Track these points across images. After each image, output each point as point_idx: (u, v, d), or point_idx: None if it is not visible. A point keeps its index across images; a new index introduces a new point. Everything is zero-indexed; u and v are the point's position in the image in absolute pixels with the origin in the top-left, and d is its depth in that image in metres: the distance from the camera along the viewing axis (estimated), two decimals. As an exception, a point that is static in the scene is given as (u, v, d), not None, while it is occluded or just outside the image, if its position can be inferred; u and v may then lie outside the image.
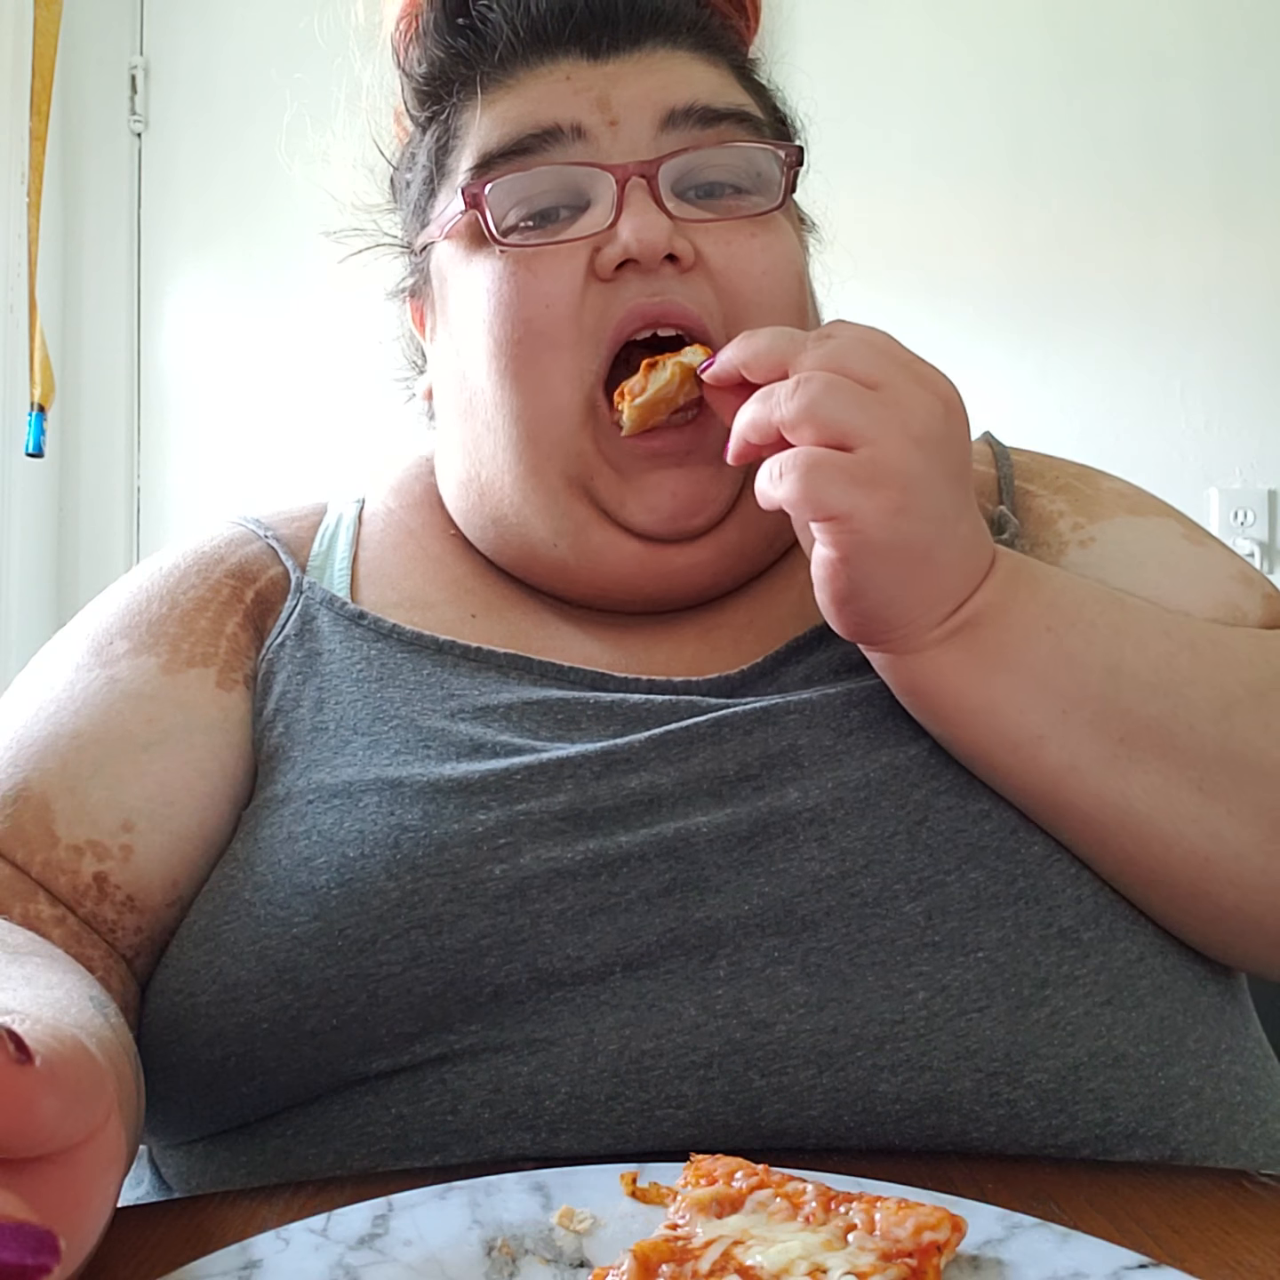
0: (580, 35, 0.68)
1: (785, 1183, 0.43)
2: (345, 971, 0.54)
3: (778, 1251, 0.39)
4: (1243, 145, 2.01)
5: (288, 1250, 0.41)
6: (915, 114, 2.03)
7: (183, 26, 2.17)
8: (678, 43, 0.70)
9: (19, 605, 2.02)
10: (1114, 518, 0.72)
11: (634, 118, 0.66)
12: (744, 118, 0.69)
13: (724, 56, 0.72)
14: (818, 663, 0.65)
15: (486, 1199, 0.44)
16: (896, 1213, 0.41)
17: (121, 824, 0.61)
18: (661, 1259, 0.39)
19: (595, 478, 0.66)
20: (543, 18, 0.68)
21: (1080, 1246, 0.41)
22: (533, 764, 0.59)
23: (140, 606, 0.69)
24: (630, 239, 0.63)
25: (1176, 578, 0.69)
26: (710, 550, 0.68)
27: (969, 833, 0.57)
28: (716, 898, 0.56)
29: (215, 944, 0.57)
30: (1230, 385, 2.01)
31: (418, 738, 0.62)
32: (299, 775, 0.61)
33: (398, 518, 0.76)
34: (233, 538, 0.73)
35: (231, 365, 2.16)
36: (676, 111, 0.67)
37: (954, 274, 2.04)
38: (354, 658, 0.66)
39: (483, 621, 0.70)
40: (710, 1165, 0.44)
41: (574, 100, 0.67)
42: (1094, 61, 2.03)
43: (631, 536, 0.67)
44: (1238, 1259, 0.43)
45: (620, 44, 0.68)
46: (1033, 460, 0.77)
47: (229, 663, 0.67)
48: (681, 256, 0.64)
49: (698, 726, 0.61)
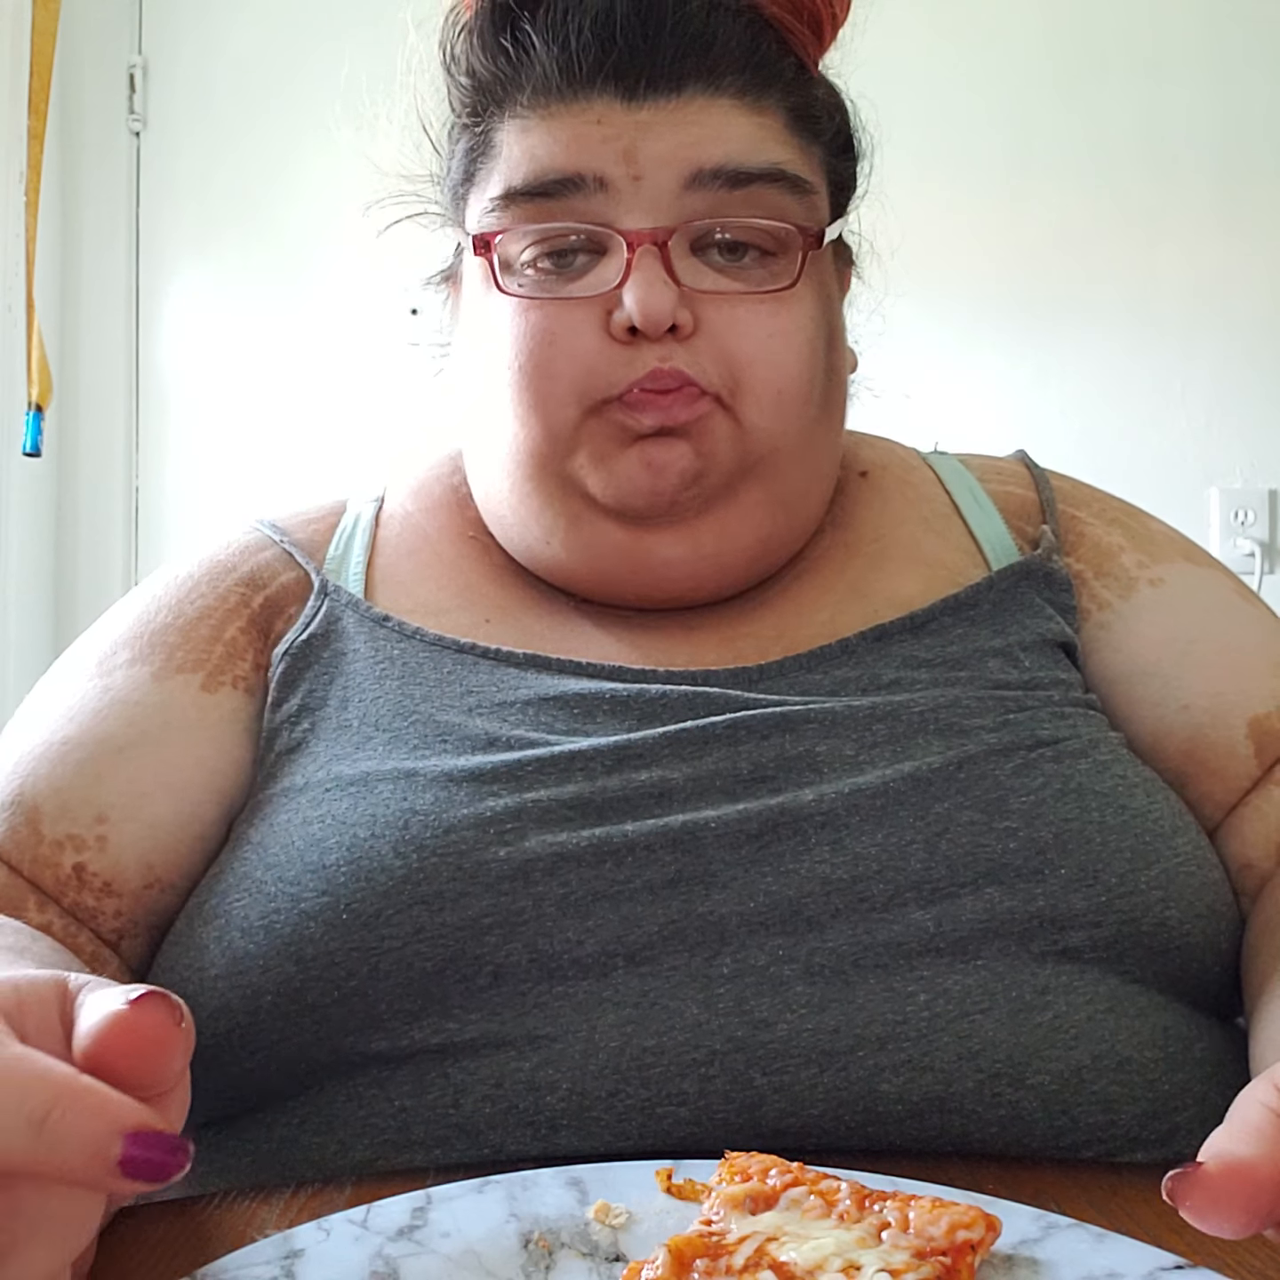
0: (617, 75, 0.66)
1: (819, 1180, 0.43)
2: (348, 944, 0.56)
3: (811, 1248, 0.39)
4: (1243, 145, 2.01)
5: (329, 1240, 0.42)
6: (914, 113, 2.03)
7: (182, 26, 2.17)
8: (721, 87, 0.66)
9: (17, 605, 2.02)
10: (1174, 562, 0.73)
11: (659, 174, 0.65)
12: (777, 177, 0.66)
13: (773, 98, 0.68)
14: (845, 678, 0.65)
15: (524, 1193, 0.45)
16: (931, 1211, 0.41)
17: (96, 817, 0.64)
18: (696, 1254, 0.39)
19: (587, 461, 0.67)
20: (580, 55, 0.66)
21: (1116, 1247, 0.41)
22: (544, 756, 0.60)
23: (149, 616, 0.71)
24: (635, 310, 0.63)
25: (1240, 634, 0.70)
26: (687, 547, 0.68)
27: (991, 849, 0.57)
28: (722, 893, 0.56)
29: (225, 920, 0.59)
30: (1230, 385, 2.02)
31: (435, 733, 0.63)
32: (320, 768, 0.63)
33: (415, 521, 0.76)
34: (247, 545, 0.75)
35: (230, 365, 2.15)
36: (704, 172, 0.65)
37: (954, 274, 2.04)
38: (378, 657, 0.68)
39: (497, 626, 0.71)
40: (745, 1162, 0.44)
41: (601, 149, 0.65)
42: (1093, 62, 2.04)
43: (617, 524, 0.68)
44: (1239, 1260, 0.43)
45: (659, 86, 0.66)
46: (1074, 487, 0.78)
47: (219, 666, 0.69)
48: (682, 327, 0.64)
49: (713, 727, 0.61)
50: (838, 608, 0.70)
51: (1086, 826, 0.58)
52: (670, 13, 0.66)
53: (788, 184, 0.67)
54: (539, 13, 0.67)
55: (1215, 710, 0.68)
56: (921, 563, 0.72)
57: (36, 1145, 0.34)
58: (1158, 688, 0.69)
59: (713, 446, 0.66)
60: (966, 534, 0.74)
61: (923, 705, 0.62)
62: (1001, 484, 0.77)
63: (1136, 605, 0.71)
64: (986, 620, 0.68)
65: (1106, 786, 0.61)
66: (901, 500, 0.76)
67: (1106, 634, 0.71)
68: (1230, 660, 0.69)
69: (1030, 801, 0.59)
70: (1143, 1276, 0.40)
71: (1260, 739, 0.67)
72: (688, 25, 0.66)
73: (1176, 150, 2.02)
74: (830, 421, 0.71)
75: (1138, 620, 0.71)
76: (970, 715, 0.62)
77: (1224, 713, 0.68)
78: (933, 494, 0.76)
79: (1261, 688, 0.68)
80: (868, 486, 0.77)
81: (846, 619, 0.69)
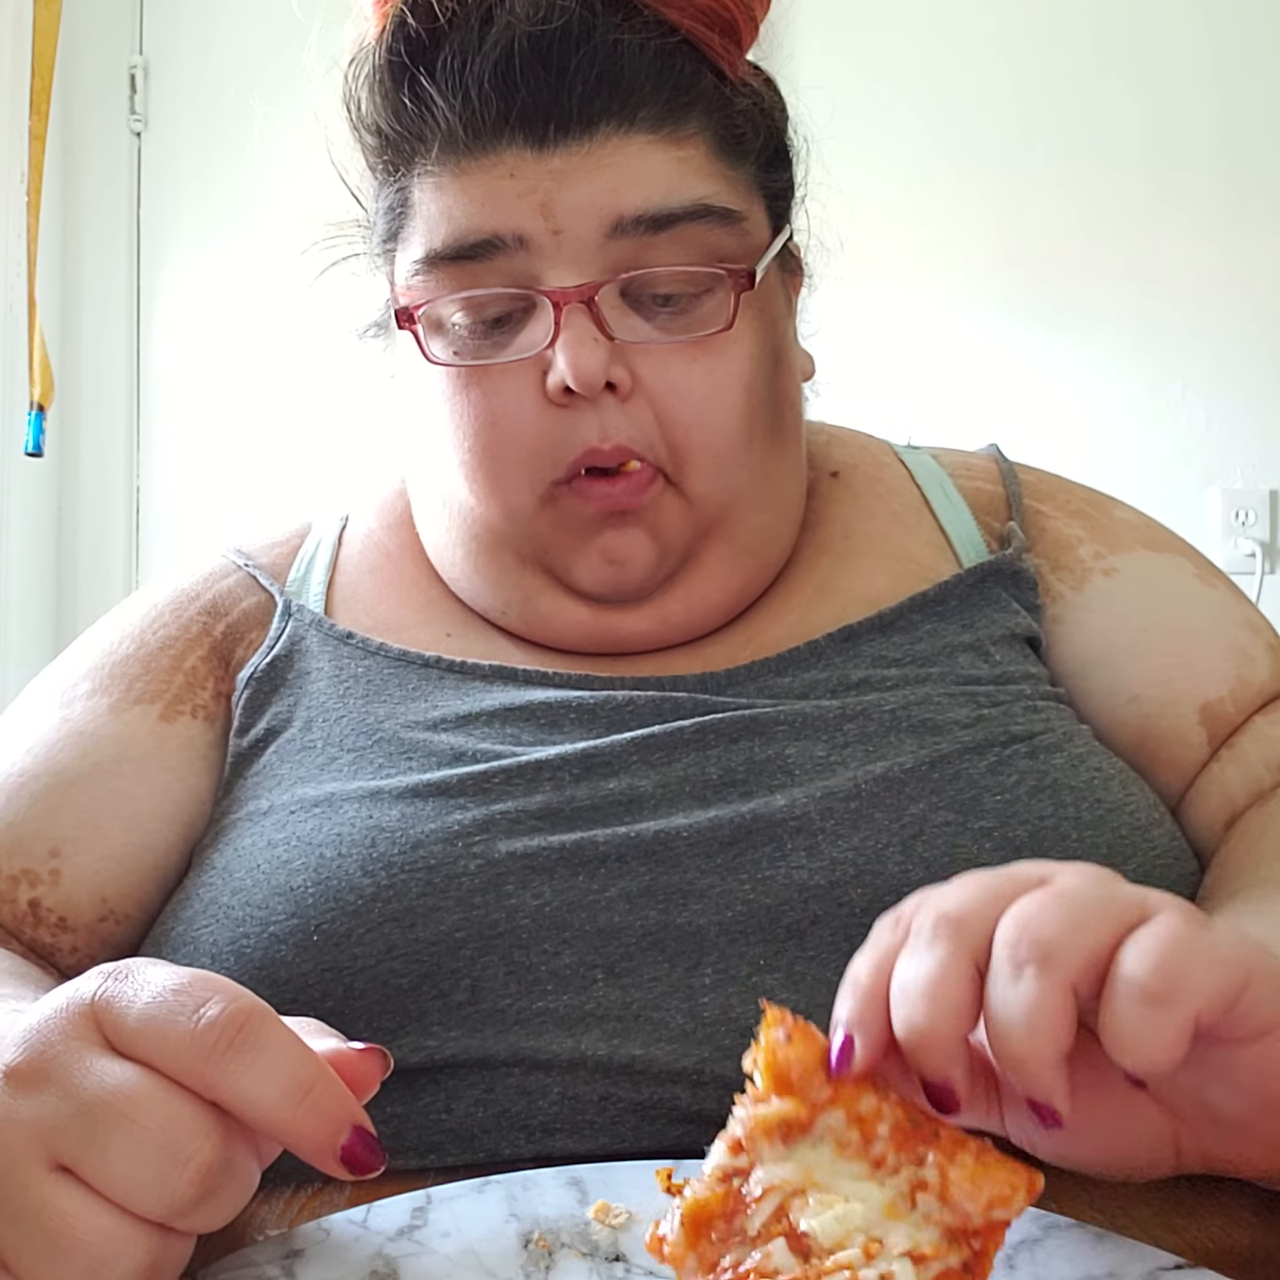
0: (524, 123, 0.63)
1: (858, 1098, 0.39)
2: (320, 965, 0.55)
3: (834, 1218, 0.37)
4: (1245, 144, 2.01)
5: (329, 1240, 0.42)
6: (918, 109, 2.03)
7: (182, 26, 2.17)
8: (635, 121, 0.63)
9: (18, 605, 2.02)
10: (1132, 550, 0.72)
11: (579, 226, 0.63)
12: (703, 214, 0.64)
13: (694, 124, 0.65)
14: (814, 680, 0.65)
15: (523, 1193, 0.45)
16: (972, 1175, 0.37)
17: (50, 850, 0.64)
18: (712, 1217, 0.37)
19: (549, 550, 0.66)
20: (483, 107, 0.63)
21: (1116, 1247, 0.41)
22: (511, 766, 0.60)
23: (113, 646, 0.71)
24: (567, 372, 0.62)
25: (1193, 619, 0.69)
26: (653, 621, 0.68)
27: (967, 849, 0.57)
28: (700, 902, 0.56)
29: (194, 946, 0.59)
30: (1230, 385, 2.01)
31: (400, 750, 0.63)
32: (284, 790, 0.63)
33: (377, 539, 0.76)
34: (211, 572, 0.75)
35: (231, 364, 2.15)
36: (625, 219, 0.62)
37: (954, 274, 2.04)
38: (342, 675, 0.67)
39: (459, 640, 0.70)
40: (784, 1054, 0.39)
41: (516, 205, 0.63)
42: (1096, 59, 2.03)
43: (580, 602, 0.67)
44: (1239, 1260, 0.43)
45: (569, 129, 0.63)
46: (1041, 480, 0.77)
47: (179, 696, 0.69)
48: (619, 385, 0.63)
49: (681, 731, 0.61)
50: (806, 608, 0.70)
51: (1062, 823, 0.58)
52: (574, 51, 0.62)
53: (715, 218, 0.64)
54: (437, 64, 0.64)
55: (1165, 699, 0.67)
56: (890, 557, 0.72)
57: (297, 1111, 0.38)
58: (1107, 680, 0.69)
59: (665, 526, 0.65)
60: (937, 529, 0.73)
61: (894, 704, 0.62)
62: (971, 479, 0.77)
63: (1087, 596, 0.71)
64: (955, 615, 0.68)
65: (1082, 781, 0.60)
66: (871, 495, 0.75)
67: (1059, 627, 0.71)
68: (1182, 645, 0.69)
69: (1005, 800, 0.58)
70: (1143, 1276, 0.40)
71: (1212, 725, 0.67)
72: (593, 61, 0.62)
73: (1176, 150, 2.01)
74: (783, 448, 0.70)
75: (1087, 611, 0.71)
76: (942, 711, 0.62)
77: (1174, 701, 0.67)
78: (903, 489, 0.76)
79: (1214, 672, 0.68)
80: (839, 486, 0.76)
81: (815, 619, 0.69)
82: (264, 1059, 0.38)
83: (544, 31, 0.62)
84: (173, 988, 0.39)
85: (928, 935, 0.39)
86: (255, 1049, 0.38)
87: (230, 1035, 0.38)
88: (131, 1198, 0.36)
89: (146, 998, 0.39)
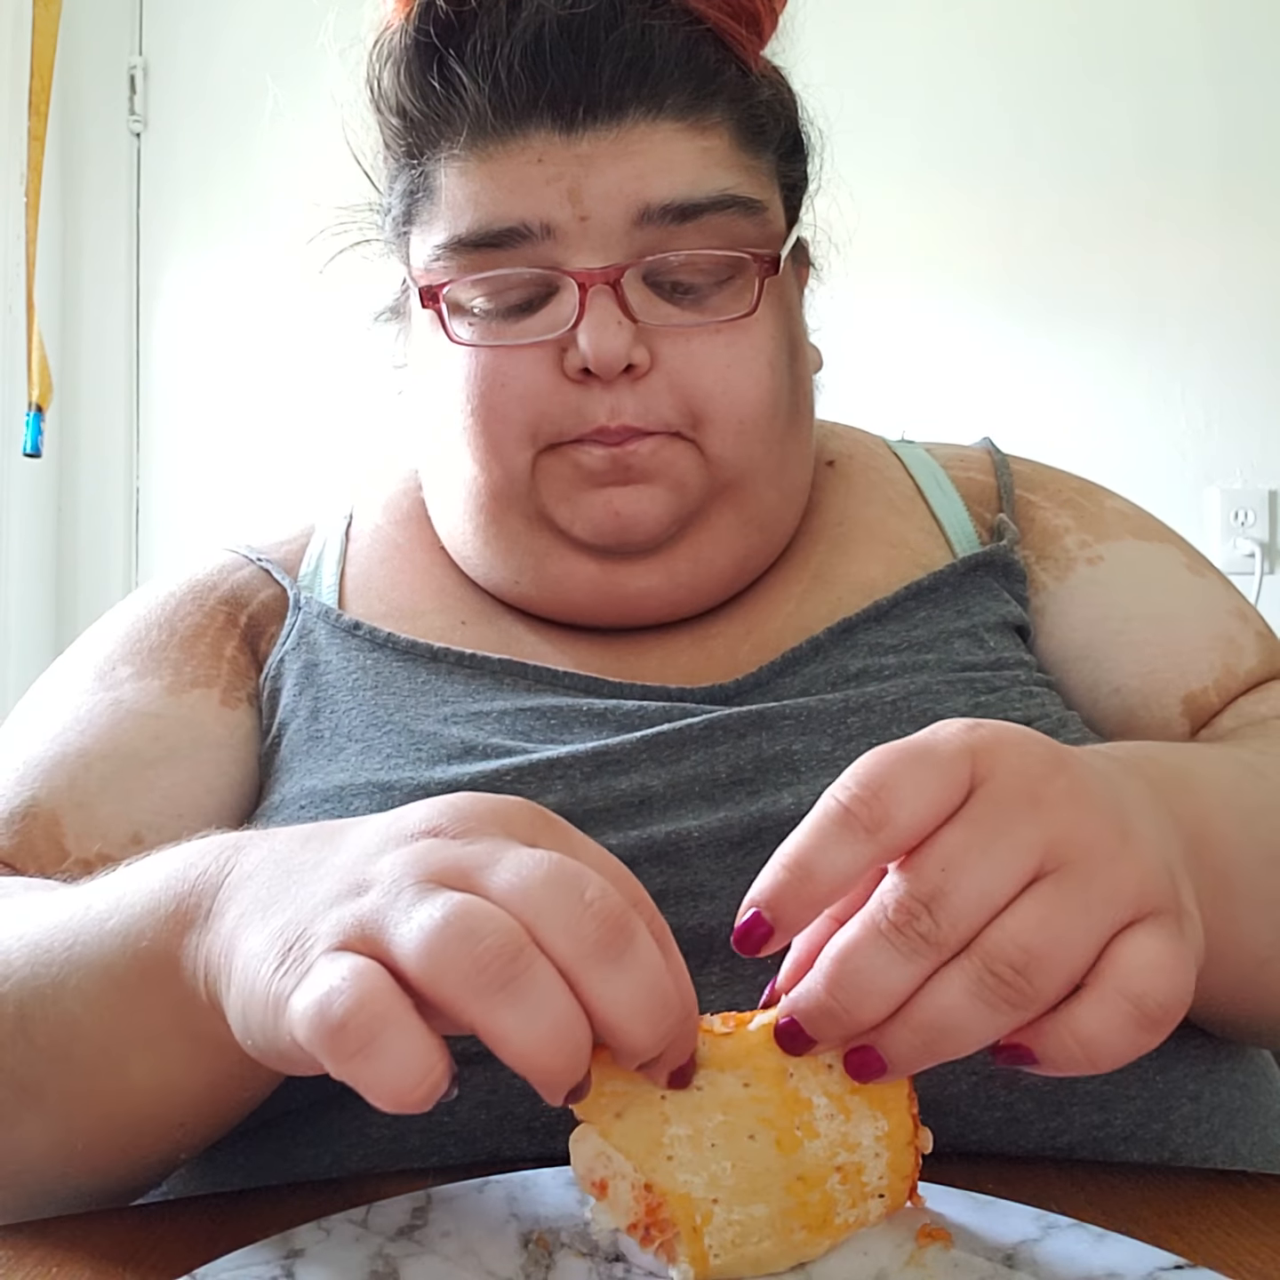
0: (553, 107, 0.63)
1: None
2: None
3: None
4: (1245, 144, 2.01)
5: (329, 1240, 0.42)
6: (917, 110, 2.03)
7: (182, 26, 2.17)
8: (663, 109, 0.64)
9: (18, 606, 2.02)
10: (1121, 539, 0.72)
11: (606, 212, 0.63)
12: (728, 204, 0.65)
13: (718, 113, 0.66)
14: (814, 675, 0.65)
15: (524, 1193, 0.45)
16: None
17: (131, 837, 0.62)
18: None
19: (549, 499, 0.67)
20: (513, 91, 0.63)
21: (1116, 1247, 0.41)
22: (523, 765, 0.59)
23: (140, 634, 0.70)
24: (588, 351, 0.62)
25: (1180, 608, 0.69)
26: (661, 577, 0.68)
27: None
28: (710, 904, 0.56)
29: None
30: (1230, 385, 2.01)
31: (410, 741, 0.62)
32: (294, 784, 0.62)
33: (385, 533, 0.76)
34: (224, 564, 0.74)
35: (230, 365, 2.15)
36: (652, 208, 0.63)
37: (954, 274, 2.04)
38: (349, 667, 0.67)
39: (473, 628, 0.70)
40: None
41: (545, 192, 0.63)
42: (1096, 59, 2.03)
43: (587, 558, 0.67)
44: (1239, 1260, 0.43)
45: (598, 114, 0.63)
46: (1033, 470, 0.77)
47: (231, 683, 0.68)
48: (637, 365, 0.63)
49: (690, 728, 0.61)
50: (803, 597, 0.70)
51: None
52: (603, 35, 0.63)
53: (739, 208, 0.65)
54: (466, 47, 0.64)
55: (1148, 691, 0.67)
56: (885, 543, 0.72)
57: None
58: (1090, 671, 0.69)
59: (681, 476, 0.65)
60: (930, 517, 0.74)
61: (894, 694, 0.62)
62: (964, 470, 0.77)
63: (1070, 586, 0.71)
64: (949, 602, 0.68)
65: None
66: (866, 484, 0.76)
67: (1042, 619, 0.71)
68: (1167, 635, 0.69)
69: None
70: (1143, 1276, 0.40)
71: (1195, 716, 0.67)
72: (622, 46, 0.63)
73: (1176, 150, 2.01)
74: (799, 432, 0.70)
75: (1070, 601, 0.71)
76: (941, 700, 0.62)
77: (1158, 693, 0.67)
78: (897, 478, 0.76)
79: (1199, 662, 0.67)
80: (834, 474, 0.77)
81: (812, 608, 0.69)
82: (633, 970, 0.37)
83: (573, 15, 0.63)
84: None
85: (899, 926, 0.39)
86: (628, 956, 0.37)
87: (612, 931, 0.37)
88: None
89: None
